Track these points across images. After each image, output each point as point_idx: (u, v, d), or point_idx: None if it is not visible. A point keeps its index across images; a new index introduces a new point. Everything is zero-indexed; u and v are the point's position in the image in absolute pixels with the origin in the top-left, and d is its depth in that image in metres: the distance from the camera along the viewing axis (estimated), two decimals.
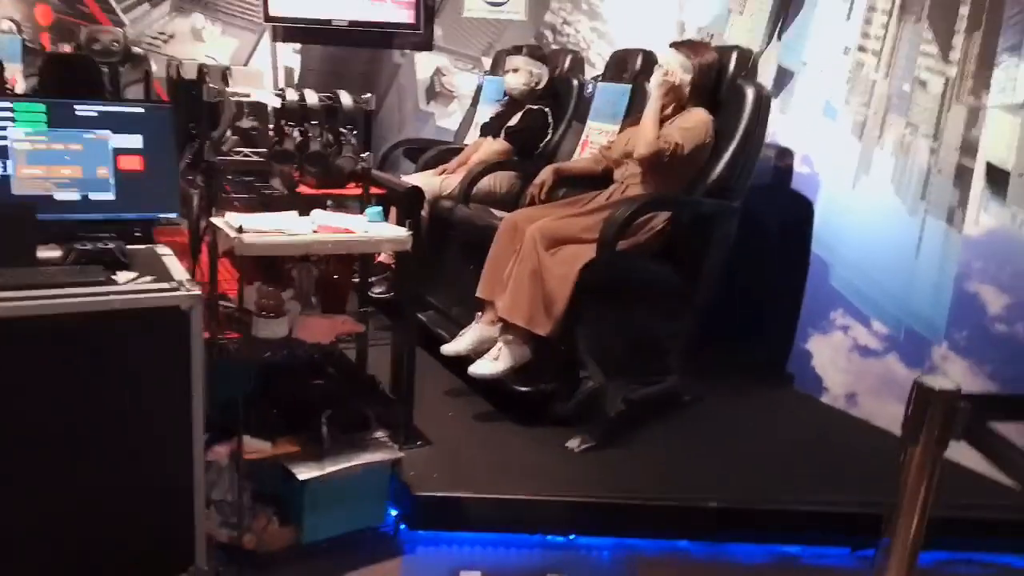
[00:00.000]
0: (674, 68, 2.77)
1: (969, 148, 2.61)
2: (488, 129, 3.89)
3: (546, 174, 3.08)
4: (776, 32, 3.31)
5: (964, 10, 2.60)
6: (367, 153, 2.34)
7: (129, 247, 2.00)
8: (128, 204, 1.93)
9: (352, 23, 4.76)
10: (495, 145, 3.71)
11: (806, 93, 3.20)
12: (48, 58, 3.76)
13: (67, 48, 4.28)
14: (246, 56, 5.16)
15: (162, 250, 2.07)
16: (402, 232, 2.19)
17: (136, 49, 4.69)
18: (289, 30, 5.03)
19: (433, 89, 4.85)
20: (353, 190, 2.42)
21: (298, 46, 5.11)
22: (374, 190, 2.46)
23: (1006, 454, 1.26)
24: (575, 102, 3.69)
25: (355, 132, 2.28)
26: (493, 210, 3.49)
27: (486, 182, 3.59)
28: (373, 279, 3.69)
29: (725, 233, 2.80)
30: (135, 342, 1.70)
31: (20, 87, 3.62)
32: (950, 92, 2.66)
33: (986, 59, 2.53)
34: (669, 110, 2.81)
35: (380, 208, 2.28)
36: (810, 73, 3.19)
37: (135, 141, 1.93)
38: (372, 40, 4.84)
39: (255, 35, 5.14)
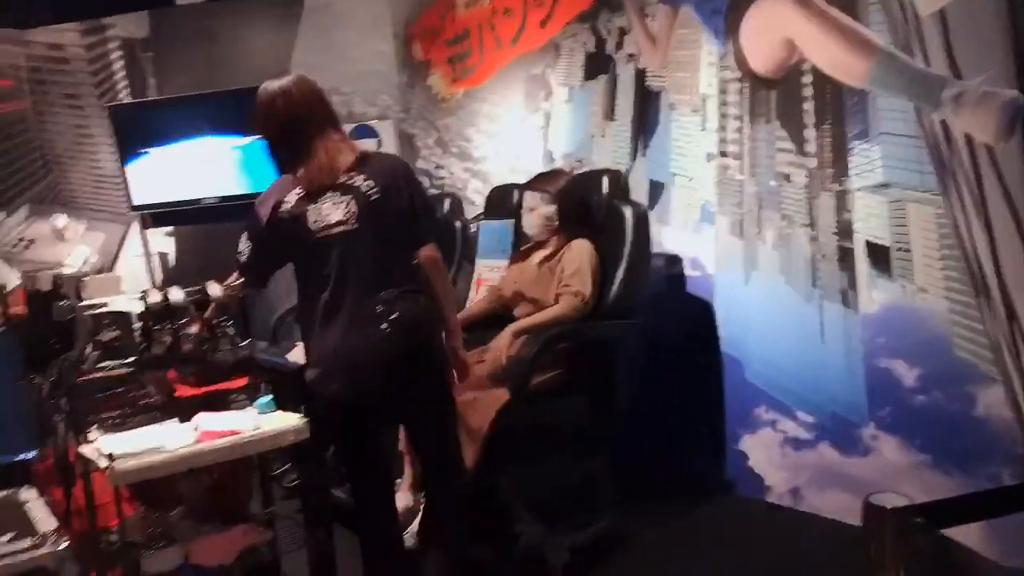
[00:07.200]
0: (541, 208, 2.83)
1: (845, 231, 2.68)
2: None
3: None
4: (640, 149, 3.41)
5: (808, 106, 2.73)
6: (247, 340, 2.19)
7: None
8: None
9: (223, 199, 4.65)
10: None
11: (681, 201, 3.28)
12: None
13: None
14: (115, 249, 4.95)
15: (25, 494, 1.83)
16: (296, 420, 2.02)
17: None
18: (158, 215, 4.86)
19: None
20: (240, 381, 2.25)
21: (170, 229, 4.96)
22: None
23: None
24: (461, 243, 3.67)
25: (230, 321, 2.13)
26: None
27: None
28: (283, 468, 3.44)
29: (631, 353, 2.75)
30: None
31: None
32: (814, 182, 2.76)
33: (839, 147, 2.65)
34: (550, 247, 2.84)
35: (270, 398, 2.11)
36: (680, 183, 3.27)
37: None
38: (245, 213, 4.73)
39: (123, 226, 4.96)
